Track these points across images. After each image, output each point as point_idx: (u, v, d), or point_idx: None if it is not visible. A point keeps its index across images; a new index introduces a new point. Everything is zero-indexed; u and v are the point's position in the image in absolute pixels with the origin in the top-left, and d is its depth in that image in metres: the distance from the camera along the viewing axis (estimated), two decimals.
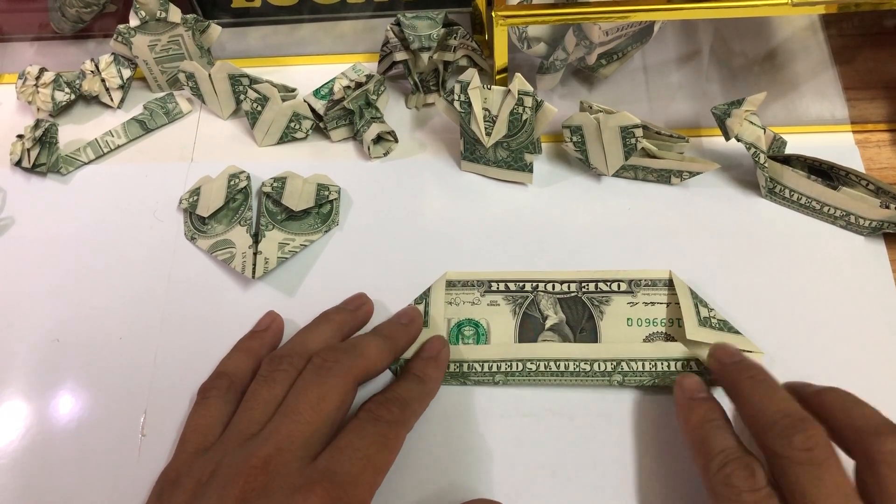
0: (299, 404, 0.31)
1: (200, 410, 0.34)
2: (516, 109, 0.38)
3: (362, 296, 0.39)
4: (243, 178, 0.43)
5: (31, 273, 0.42)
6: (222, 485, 0.29)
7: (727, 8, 0.37)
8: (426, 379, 0.35)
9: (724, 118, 0.39)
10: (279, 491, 0.28)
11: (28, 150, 0.44)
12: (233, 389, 0.35)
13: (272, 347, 0.37)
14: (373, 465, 0.30)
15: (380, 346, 0.35)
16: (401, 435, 0.32)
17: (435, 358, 0.36)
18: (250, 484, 0.29)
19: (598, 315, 0.37)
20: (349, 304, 0.38)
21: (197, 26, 0.46)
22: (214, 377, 0.35)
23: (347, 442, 0.31)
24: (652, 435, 0.34)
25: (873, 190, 0.39)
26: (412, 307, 0.38)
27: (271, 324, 0.38)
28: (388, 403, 0.33)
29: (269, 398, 0.33)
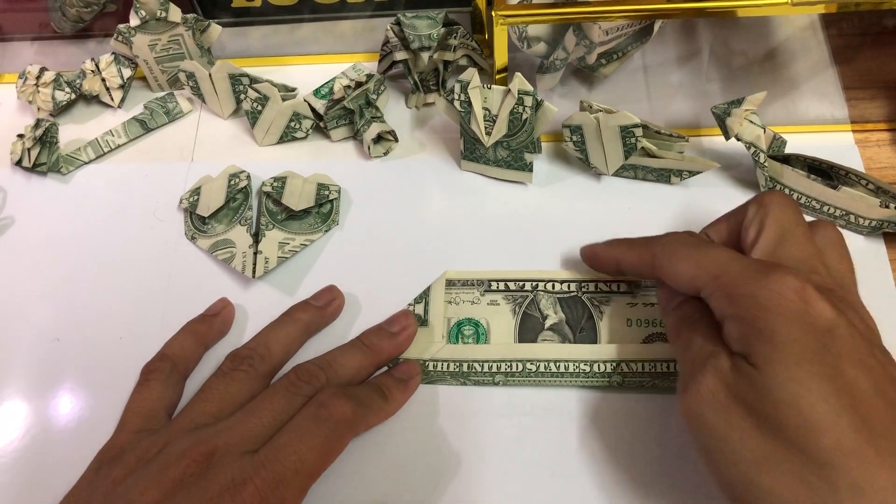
0: (266, 405, 0.32)
1: (143, 392, 0.35)
2: (516, 109, 0.38)
3: (333, 289, 0.39)
4: (243, 178, 0.43)
5: (31, 273, 0.42)
6: (163, 464, 0.30)
7: (728, 7, 0.37)
8: (390, 399, 0.35)
9: (723, 117, 0.39)
10: (215, 481, 0.29)
11: (28, 149, 0.44)
12: (175, 372, 0.36)
13: (220, 334, 0.38)
14: (307, 470, 0.30)
15: (360, 363, 0.35)
16: (345, 440, 0.32)
17: (406, 382, 0.36)
18: (190, 468, 0.29)
19: (597, 315, 0.37)
20: (318, 298, 0.38)
21: (197, 26, 0.46)
22: (157, 359, 0.36)
23: (288, 440, 0.31)
24: (652, 435, 0.34)
25: (873, 189, 0.39)
26: (405, 313, 0.38)
27: (222, 310, 0.39)
28: (345, 399, 0.32)
29: (225, 395, 0.33)
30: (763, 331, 0.26)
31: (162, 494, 0.29)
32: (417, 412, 0.36)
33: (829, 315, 0.26)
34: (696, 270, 0.30)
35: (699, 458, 0.28)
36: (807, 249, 0.30)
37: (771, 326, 0.26)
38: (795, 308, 0.26)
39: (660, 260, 0.32)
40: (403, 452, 0.35)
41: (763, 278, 0.27)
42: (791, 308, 0.26)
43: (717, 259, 0.29)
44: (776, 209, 0.31)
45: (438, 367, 0.36)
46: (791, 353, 0.26)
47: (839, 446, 0.24)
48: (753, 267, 0.28)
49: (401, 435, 0.35)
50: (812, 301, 0.26)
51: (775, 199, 0.32)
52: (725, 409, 0.27)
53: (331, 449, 0.31)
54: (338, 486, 0.34)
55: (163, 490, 0.29)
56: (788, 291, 0.27)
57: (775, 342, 0.26)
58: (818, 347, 0.26)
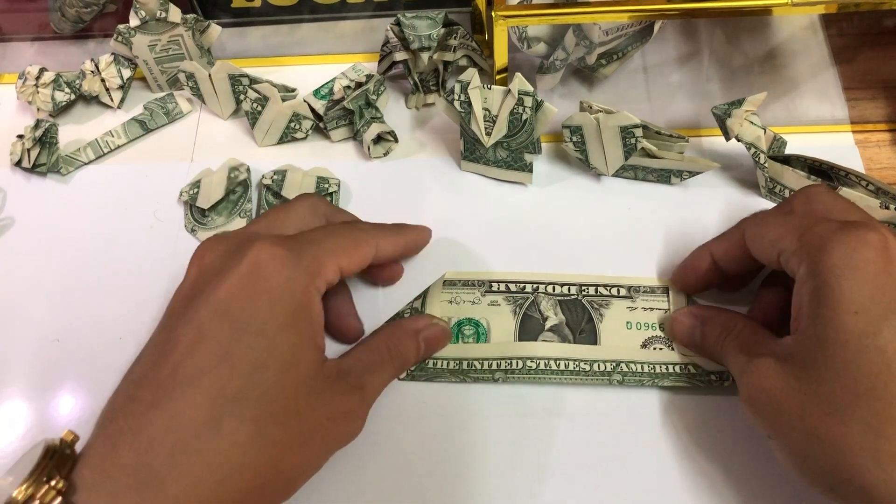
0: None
1: None
2: (516, 109, 0.38)
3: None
4: (243, 171, 0.43)
5: (31, 273, 0.42)
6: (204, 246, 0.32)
7: (728, 7, 0.37)
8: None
9: (724, 118, 0.39)
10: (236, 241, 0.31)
11: (28, 150, 0.44)
12: None
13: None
14: (336, 241, 0.32)
15: None
16: (367, 246, 0.33)
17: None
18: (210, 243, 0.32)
19: (597, 318, 0.37)
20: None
21: (197, 26, 0.46)
22: None
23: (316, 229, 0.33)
24: (652, 435, 0.34)
25: (873, 190, 0.39)
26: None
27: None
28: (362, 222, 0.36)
29: None
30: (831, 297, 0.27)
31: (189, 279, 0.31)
32: (418, 412, 0.36)
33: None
34: (782, 231, 0.30)
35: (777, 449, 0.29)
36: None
37: (840, 293, 0.26)
38: (874, 269, 0.26)
39: (749, 229, 0.32)
40: (403, 452, 0.35)
41: (844, 236, 0.27)
42: (869, 269, 0.26)
43: (804, 221, 0.30)
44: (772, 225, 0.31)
45: (438, 364, 0.36)
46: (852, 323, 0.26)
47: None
48: (837, 225, 0.28)
49: (401, 435, 0.35)
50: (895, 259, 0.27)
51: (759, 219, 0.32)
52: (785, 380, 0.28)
53: (357, 242, 0.33)
54: (338, 486, 0.34)
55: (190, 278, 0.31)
56: (869, 249, 0.27)
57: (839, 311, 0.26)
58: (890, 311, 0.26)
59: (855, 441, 0.25)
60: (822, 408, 0.26)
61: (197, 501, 0.26)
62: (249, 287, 0.29)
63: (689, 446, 0.34)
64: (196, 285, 0.30)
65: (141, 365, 0.29)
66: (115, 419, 0.27)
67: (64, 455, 0.26)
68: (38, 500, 0.24)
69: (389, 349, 0.34)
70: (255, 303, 0.28)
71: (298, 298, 0.29)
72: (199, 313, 0.28)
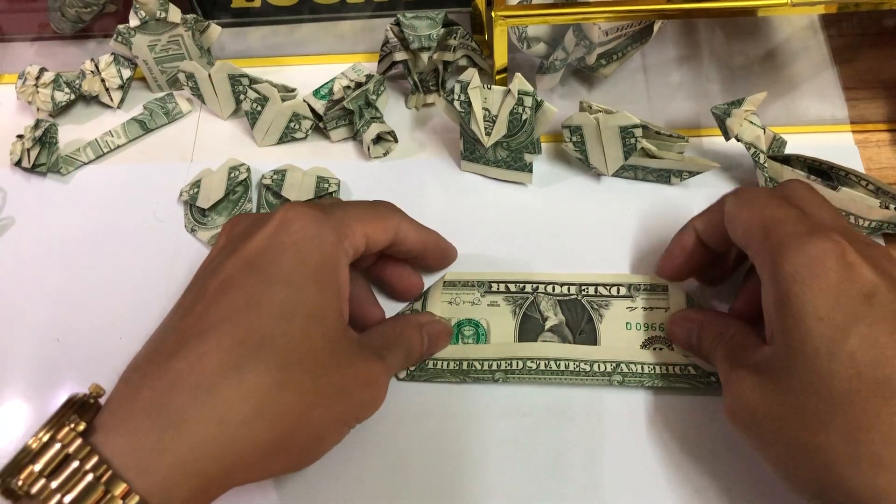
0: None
1: None
2: (516, 109, 0.38)
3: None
4: (243, 171, 0.43)
5: (31, 273, 0.42)
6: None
7: (728, 7, 0.37)
8: None
9: (723, 118, 0.39)
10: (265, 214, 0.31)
11: (28, 150, 0.44)
12: None
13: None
14: (362, 213, 0.32)
15: None
16: (391, 219, 0.34)
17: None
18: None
19: (597, 318, 0.37)
20: None
21: (197, 26, 0.46)
22: None
23: (341, 202, 0.34)
24: (652, 435, 0.34)
25: (873, 190, 0.39)
26: None
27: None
28: (386, 202, 0.35)
29: None
30: (794, 305, 0.27)
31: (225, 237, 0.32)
32: (418, 412, 0.36)
33: (870, 279, 0.26)
34: (754, 221, 0.30)
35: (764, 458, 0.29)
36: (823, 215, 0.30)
37: (802, 301, 0.27)
38: (834, 276, 0.26)
39: (730, 203, 0.32)
40: (403, 452, 0.35)
41: (802, 245, 0.27)
42: (830, 277, 0.26)
43: (776, 215, 0.29)
44: (747, 208, 0.31)
45: (438, 364, 0.36)
46: (818, 331, 0.26)
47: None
48: (799, 232, 0.28)
49: (401, 435, 0.35)
50: (854, 266, 0.27)
51: (738, 199, 0.32)
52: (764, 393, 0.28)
53: (382, 216, 0.33)
54: (338, 486, 0.34)
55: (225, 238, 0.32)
56: (827, 257, 0.27)
57: (804, 320, 0.26)
58: (854, 317, 0.26)
59: (836, 449, 0.25)
60: (800, 419, 0.26)
61: (219, 442, 0.26)
62: (277, 241, 0.29)
63: (690, 447, 0.34)
64: (224, 248, 0.31)
65: (167, 319, 0.30)
66: (138, 368, 0.27)
67: (87, 404, 0.26)
68: (59, 441, 0.25)
69: (398, 336, 0.34)
70: (282, 255, 0.29)
71: (326, 253, 0.30)
72: (226, 267, 0.29)
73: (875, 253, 0.28)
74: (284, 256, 0.29)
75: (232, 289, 0.28)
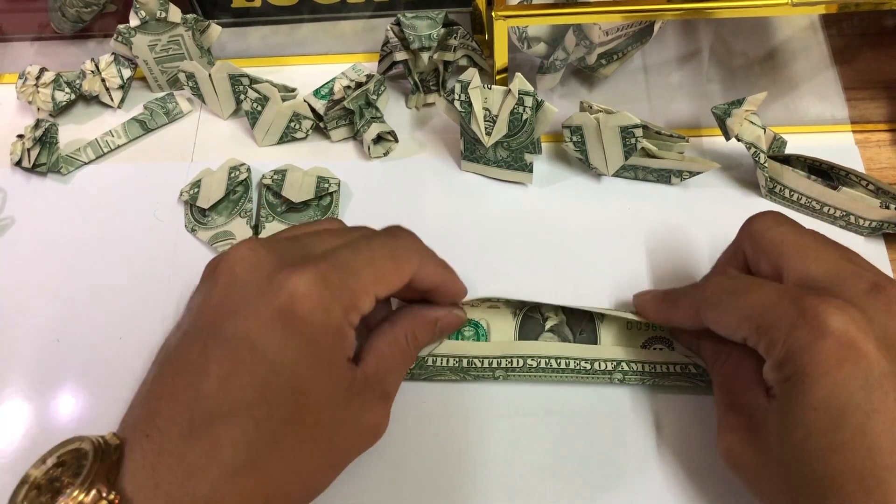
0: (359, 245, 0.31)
1: None
2: (516, 109, 0.38)
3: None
4: (243, 171, 0.43)
5: (31, 273, 0.42)
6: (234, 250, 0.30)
7: (727, 8, 0.37)
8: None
9: (724, 118, 0.39)
10: (270, 263, 0.29)
11: (28, 149, 0.44)
12: None
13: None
14: (375, 268, 0.30)
15: None
16: (409, 266, 0.31)
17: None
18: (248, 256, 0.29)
19: (598, 318, 0.37)
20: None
21: (197, 26, 0.46)
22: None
23: (353, 240, 0.30)
24: (652, 435, 0.34)
25: (873, 190, 0.39)
26: None
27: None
28: (408, 232, 0.33)
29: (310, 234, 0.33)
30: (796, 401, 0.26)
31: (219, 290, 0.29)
32: (418, 412, 0.36)
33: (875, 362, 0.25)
34: (738, 321, 0.29)
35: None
36: (828, 253, 0.29)
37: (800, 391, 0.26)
38: (834, 361, 0.25)
39: (705, 313, 0.31)
40: (403, 452, 0.35)
41: (799, 330, 0.26)
42: (830, 363, 0.25)
43: (758, 304, 0.28)
44: (768, 235, 0.31)
45: (438, 361, 0.36)
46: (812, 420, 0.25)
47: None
48: (793, 313, 0.27)
49: (401, 435, 0.35)
50: (858, 347, 0.25)
51: (760, 226, 0.31)
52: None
53: (399, 263, 0.31)
54: (338, 486, 0.34)
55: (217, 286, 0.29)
56: (828, 340, 0.25)
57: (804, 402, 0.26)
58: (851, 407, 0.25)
59: None
60: (779, 486, 0.27)
61: None
62: (284, 325, 0.28)
63: (690, 446, 0.34)
64: (226, 303, 0.29)
65: (169, 374, 0.28)
66: (150, 435, 0.26)
67: (111, 460, 0.26)
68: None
69: (408, 340, 0.34)
70: (290, 339, 0.28)
71: (332, 339, 0.29)
72: (230, 342, 0.28)
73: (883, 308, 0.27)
74: (290, 343, 0.28)
75: (239, 374, 0.27)
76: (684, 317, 0.33)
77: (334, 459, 0.30)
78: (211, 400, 0.27)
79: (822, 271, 0.28)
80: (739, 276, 0.31)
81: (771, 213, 0.32)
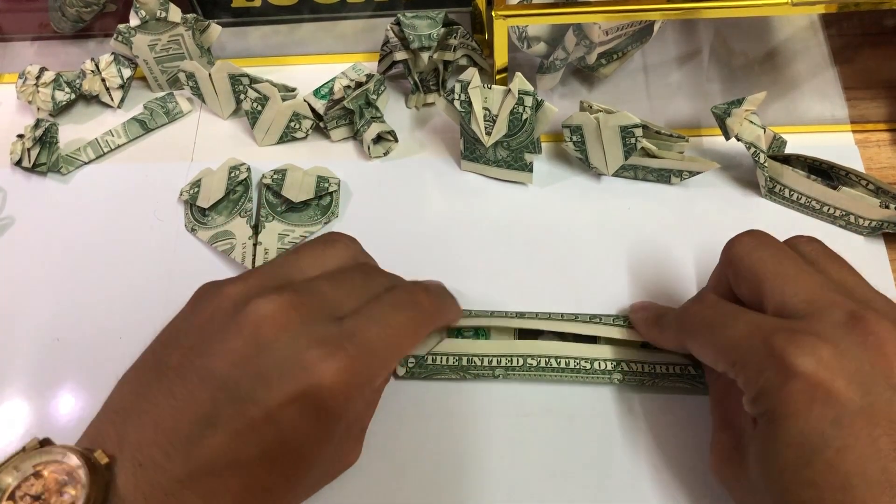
0: (351, 280, 0.31)
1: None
2: (516, 109, 0.38)
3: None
4: (243, 170, 0.43)
5: (31, 273, 0.42)
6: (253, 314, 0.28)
7: (727, 8, 0.37)
8: (454, 303, 0.35)
9: (723, 118, 0.39)
10: (304, 335, 0.28)
11: (28, 149, 0.44)
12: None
13: None
14: (398, 346, 0.30)
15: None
16: (425, 328, 0.32)
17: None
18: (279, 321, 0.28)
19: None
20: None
21: (197, 26, 0.46)
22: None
23: (382, 313, 0.30)
24: (652, 434, 0.34)
25: (873, 190, 0.39)
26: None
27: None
28: (425, 290, 0.32)
29: (318, 258, 0.32)
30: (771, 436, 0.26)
31: (245, 344, 0.27)
32: (418, 412, 0.36)
33: (845, 399, 0.25)
34: (715, 356, 0.29)
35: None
36: (806, 281, 0.29)
37: (777, 423, 0.26)
38: (804, 400, 0.25)
39: (686, 343, 0.31)
40: (403, 452, 0.35)
41: (768, 371, 0.26)
42: (800, 404, 0.25)
43: (731, 340, 0.28)
44: (746, 261, 0.30)
45: (438, 360, 0.36)
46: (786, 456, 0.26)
47: None
48: (763, 353, 0.27)
49: (401, 434, 0.35)
50: (827, 386, 0.25)
51: (739, 251, 0.31)
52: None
53: (416, 331, 0.31)
54: (337, 486, 0.34)
55: (245, 339, 0.27)
56: (798, 382, 0.25)
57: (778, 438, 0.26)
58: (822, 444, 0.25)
59: None
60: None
61: None
62: (303, 406, 0.27)
63: (690, 446, 0.34)
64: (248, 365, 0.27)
65: (168, 401, 0.27)
66: (143, 465, 0.26)
67: (103, 482, 0.25)
68: None
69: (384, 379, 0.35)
70: (305, 421, 0.27)
71: (346, 423, 0.29)
72: (246, 404, 0.27)
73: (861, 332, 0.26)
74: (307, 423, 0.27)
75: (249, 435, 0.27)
76: (670, 343, 0.33)
77: (309, 493, 0.31)
78: (216, 450, 0.26)
79: (799, 300, 0.28)
80: (718, 305, 0.31)
81: (750, 236, 0.31)
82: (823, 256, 0.31)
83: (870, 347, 0.26)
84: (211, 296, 0.30)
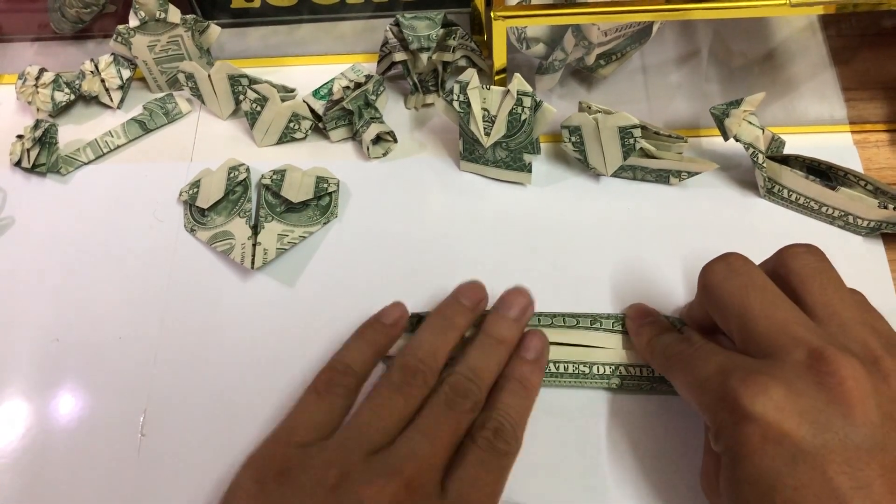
0: (439, 428, 0.30)
1: (321, 404, 0.32)
2: (515, 110, 0.38)
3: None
4: (243, 171, 0.43)
5: (31, 273, 0.42)
6: (360, 499, 0.27)
7: (727, 8, 0.37)
8: (530, 389, 0.33)
9: (722, 118, 0.39)
10: None
11: (28, 150, 0.44)
12: (357, 389, 0.33)
13: (393, 343, 0.36)
14: (493, 500, 0.30)
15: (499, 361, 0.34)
16: (512, 465, 0.31)
17: (537, 361, 0.34)
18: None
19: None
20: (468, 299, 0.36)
21: (196, 27, 0.46)
22: (341, 371, 0.33)
23: (476, 474, 0.30)
24: (651, 435, 0.35)
25: (871, 190, 0.39)
26: (516, 291, 0.36)
27: (399, 319, 0.36)
28: (503, 434, 0.31)
29: (404, 412, 0.31)
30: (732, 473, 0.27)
31: None
32: None
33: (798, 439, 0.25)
34: (687, 395, 0.30)
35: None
36: (771, 318, 0.29)
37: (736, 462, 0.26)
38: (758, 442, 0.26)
39: (667, 375, 0.32)
40: None
41: (723, 413, 0.27)
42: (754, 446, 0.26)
43: (696, 380, 0.29)
44: (717, 292, 0.30)
45: None
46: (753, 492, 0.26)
47: None
48: (720, 395, 0.27)
49: None
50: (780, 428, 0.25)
51: (711, 280, 0.31)
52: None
53: (505, 480, 0.31)
54: None
55: None
56: (754, 428, 0.26)
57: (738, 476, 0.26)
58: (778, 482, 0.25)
59: None
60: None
61: None
62: None
63: (688, 450, 0.34)
64: None
65: None
66: None
67: None
68: None
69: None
70: None
71: None
72: None
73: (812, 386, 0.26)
74: None
75: None
76: (658, 370, 0.34)
77: None
78: None
79: (763, 336, 0.28)
80: (689, 339, 0.32)
81: (723, 263, 0.31)
82: (813, 274, 0.30)
83: (827, 386, 0.26)
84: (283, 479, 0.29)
